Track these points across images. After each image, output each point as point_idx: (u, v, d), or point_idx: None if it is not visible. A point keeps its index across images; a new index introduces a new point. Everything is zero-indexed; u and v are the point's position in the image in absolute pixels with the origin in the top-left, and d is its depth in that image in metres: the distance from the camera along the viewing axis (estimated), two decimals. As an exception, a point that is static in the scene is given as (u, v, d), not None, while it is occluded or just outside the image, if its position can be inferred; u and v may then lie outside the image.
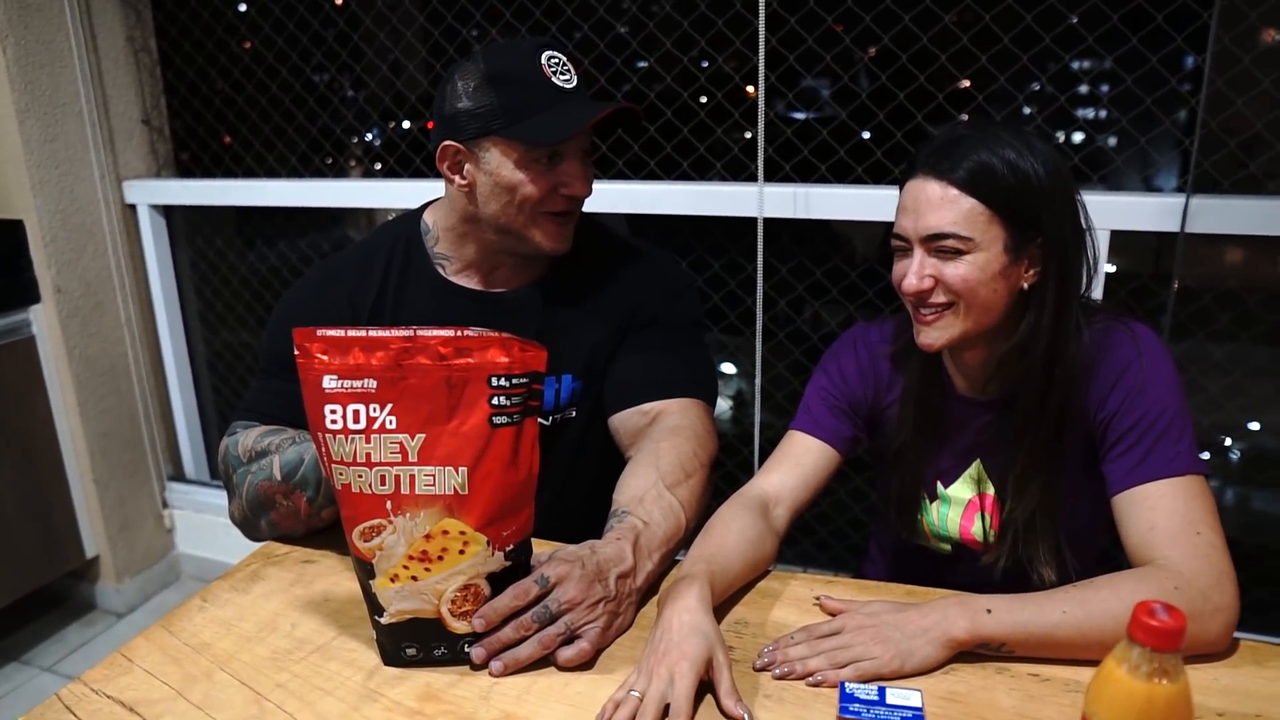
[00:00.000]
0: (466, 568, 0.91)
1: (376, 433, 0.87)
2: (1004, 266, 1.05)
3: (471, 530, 0.90)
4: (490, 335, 0.89)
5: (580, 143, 1.17)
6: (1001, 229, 1.03)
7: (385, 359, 0.87)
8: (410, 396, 0.88)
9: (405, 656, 0.95)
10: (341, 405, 0.87)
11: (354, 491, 0.89)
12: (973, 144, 1.04)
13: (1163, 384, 1.05)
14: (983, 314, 1.07)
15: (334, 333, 0.88)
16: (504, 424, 0.89)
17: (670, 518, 1.08)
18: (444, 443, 0.88)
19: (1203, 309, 1.85)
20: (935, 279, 1.06)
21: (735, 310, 2.07)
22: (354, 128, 2.61)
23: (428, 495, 0.89)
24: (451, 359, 0.88)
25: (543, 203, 1.17)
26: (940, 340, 1.08)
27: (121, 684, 0.95)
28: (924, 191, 1.05)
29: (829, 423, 1.23)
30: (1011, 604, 0.93)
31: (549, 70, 1.13)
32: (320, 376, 0.87)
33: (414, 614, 0.93)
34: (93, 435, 2.52)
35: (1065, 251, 1.06)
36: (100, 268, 2.52)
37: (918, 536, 1.26)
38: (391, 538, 0.90)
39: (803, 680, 0.91)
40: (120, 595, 2.66)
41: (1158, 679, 0.63)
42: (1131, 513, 1.00)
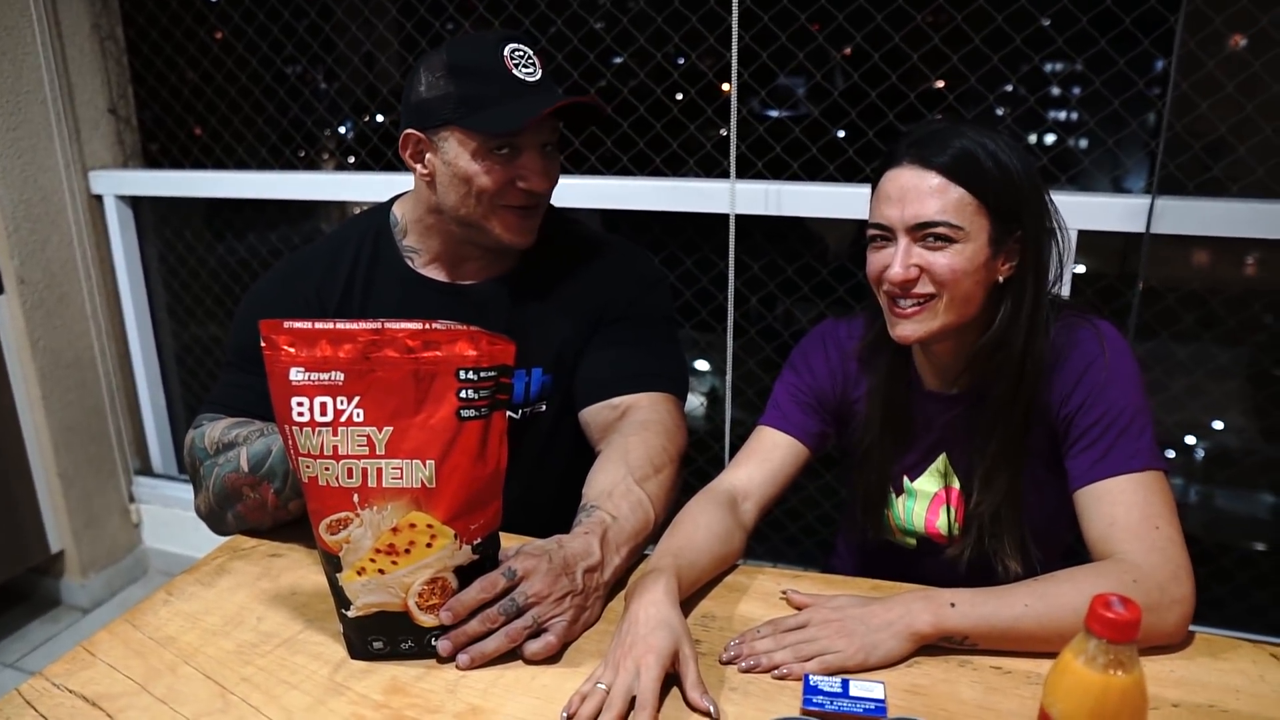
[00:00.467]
0: (434, 561, 0.91)
1: (344, 425, 0.87)
2: (987, 258, 1.06)
3: (439, 523, 0.90)
4: (458, 328, 0.89)
5: (541, 137, 1.16)
6: (986, 220, 1.04)
7: (353, 352, 0.87)
8: (378, 389, 0.87)
9: (372, 650, 0.95)
10: (308, 398, 0.87)
11: (321, 484, 0.89)
12: (956, 135, 1.05)
13: (1125, 381, 1.06)
14: (963, 306, 1.07)
15: (301, 325, 0.87)
16: (472, 417, 0.89)
17: (639, 512, 1.08)
18: (412, 436, 0.88)
19: (1167, 309, 1.88)
20: (921, 269, 1.05)
21: (707, 307, 2.08)
22: (325, 120, 2.59)
23: (395, 488, 0.88)
24: (419, 352, 0.88)
25: (499, 195, 1.17)
26: (918, 333, 1.08)
27: (84, 678, 0.94)
28: (912, 180, 1.04)
29: (797, 418, 1.24)
30: (974, 597, 0.94)
31: (511, 62, 1.12)
32: (287, 369, 0.87)
33: (381, 607, 0.93)
34: (57, 429, 2.49)
35: (1041, 245, 1.08)
36: (65, 259, 2.48)
37: (884, 532, 1.27)
38: (358, 531, 0.89)
39: (768, 673, 0.92)
40: (86, 591, 2.62)
41: (1113, 670, 0.64)
42: (1093, 507, 1.02)
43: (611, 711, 0.83)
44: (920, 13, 1.79)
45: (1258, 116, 1.67)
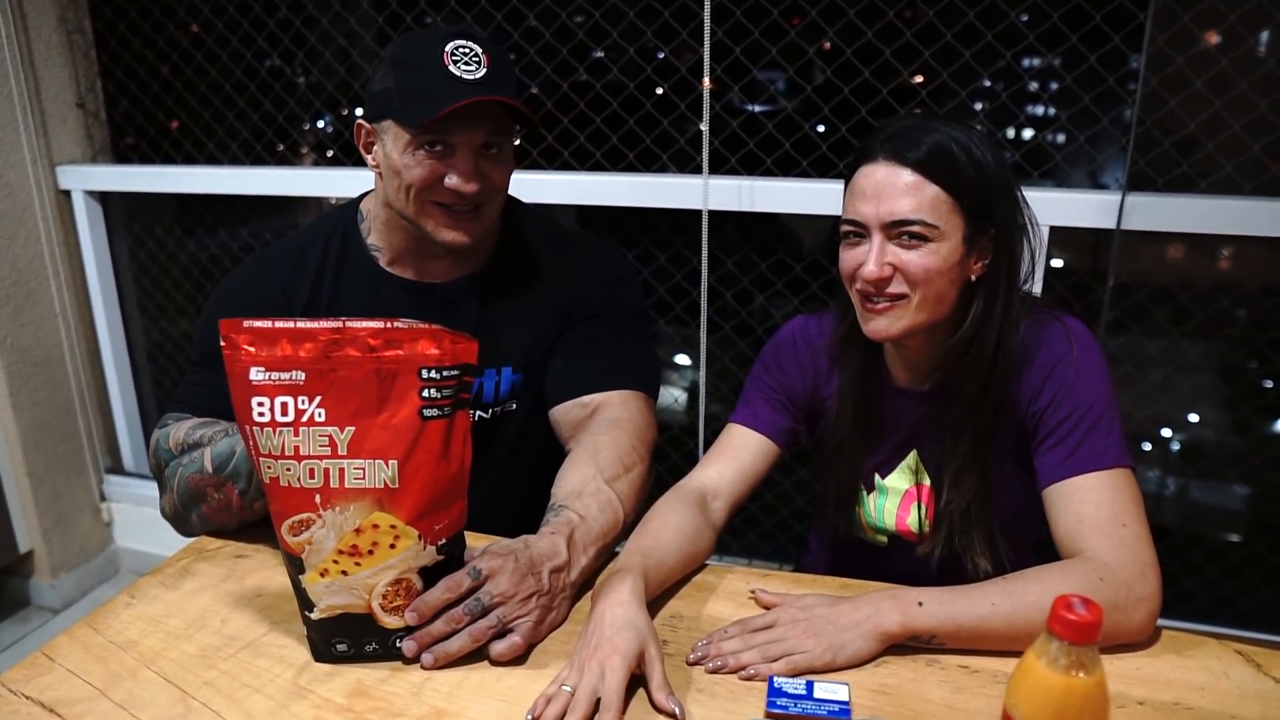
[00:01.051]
0: (397, 562, 0.90)
1: (305, 425, 0.86)
2: (960, 257, 1.05)
3: (402, 524, 0.89)
4: (420, 327, 0.88)
5: (475, 137, 1.13)
6: (961, 218, 1.04)
7: (313, 351, 0.86)
8: (339, 389, 0.86)
9: (336, 652, 0.94)
10: (269, 397, 0.85)
11: (282, 485, 0.88)
12: (932, 131, 1.04)
13: (1093, 378, 1.06)
14: (936, 305, 1.07)
15: (261, 324, 0.86)
16: (435, 416, 0.89)
17: (607, 512, 1.08)
18: (374, 435, 0.87)
19: (1138, 304, 1.89)
20: (895, 267, 1.05)
21: (681, 303, 2.07)
22: (297, 114, 2.56)
23: (357, 489, 0.88)
24: (381, 351, 0.87)
25: (428, 190, 1.15)
26: (890, 329, 1.08)
27: (42, 684, 0.92)
28: (887, 176, 1.03)
29: (767, 416, 1.24)
30: (942, 596, 0.94)
31: (450, 59, 1.10)
32: (247, 368, 0.85)
33: (344, 609, 0.92)
34: (26, 427, 2.45)
35: (1014, 243, 1.08)
36: (33, 255, 2.44)
37: (856, 529, 1.27)
38: (321, 532, 0.88)
39: (735, 674, 0.91)
40: (55, 591, 2.59)
41: (1075, 671, 0.64)
42: (1061, 505, 1.02)
43: (576, 713, 0.83)
44: (894, 8, 1.79)
45: (1226, 114, 1.68)
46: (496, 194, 1.19)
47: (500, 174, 1.18)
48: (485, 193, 1.16)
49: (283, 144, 2.50)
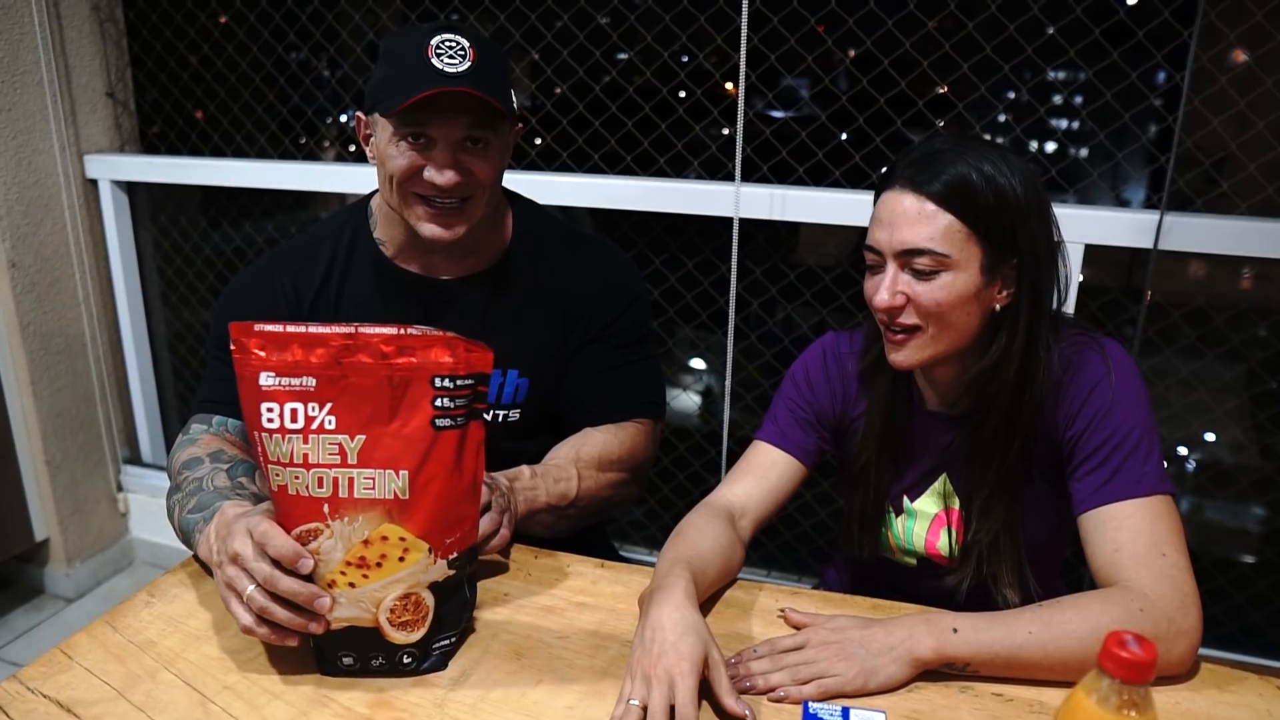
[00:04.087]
0: (406, 576, 0.88)
1: (315, 433, 0.84)
2: (979, 288, 1.03)
3: (412, 537, 0.87)
4: (434, 334, 0.86)
5: (453, 130, 1.12)
6: (978, 248, 1.02)
7: (325, 356, 0.84)
8: (351, 396, 0.84)
9: (342, 666, 0.92)
10: (279, 403, 0.83)
11: (290, 493, 0.85)
12: (952, 158, 1.01)
13: (1132, 403, 1.04)
14: (954, 337, 1.05)
15: (272, 328, 0.84)
16: (447, 426, 0.87)
17: (561, 483, 1.19)
18: (385, 445, 0.85)
19: (1171, 325, 1.86)
20: (907, 297, 1.03)
21: (707, 310, 2.05)
22: (326, 109, 2.56)
23: (367, 499, 0.85)
24: (394, 358, 0.85)
25: (408, 182, 1.15)
26: (910, 360, 1.07)
27: (60, 682, 0.91)
28: (900, 204, 1.02)
29: (795, 435, 1.22)
30: (978, 623, 0.92)
31: (434, 51, 1.09)
32: (257, 373, 0.83)
33: (351, 622, 0.89)
34: (46, 415, 2.45)
35: (1039, 274, 1.05)
36: (58, 243, 2.44)
37: (882, 550, 1.24)
38: (329, 542, 0.86)
39: (764, 695, 0.89)
40: (70, 580, 2.59)
41: (1127, 711, 0.62)
42: (1098, 532, 1.00)
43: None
44: (930, 19, 1.76)
45: (1268, 134, 1.65)
46: (480, 188, 1.17)
47: (484, 168, 1.16)
48: (466, 186, 1.15)
49: (309, 138, 2.50)
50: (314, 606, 0.87)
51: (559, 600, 1.06)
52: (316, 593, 0.87)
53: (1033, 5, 1.71)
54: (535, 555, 1.16)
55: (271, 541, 0.86)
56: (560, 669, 0.94)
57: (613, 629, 1.01)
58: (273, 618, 0.87)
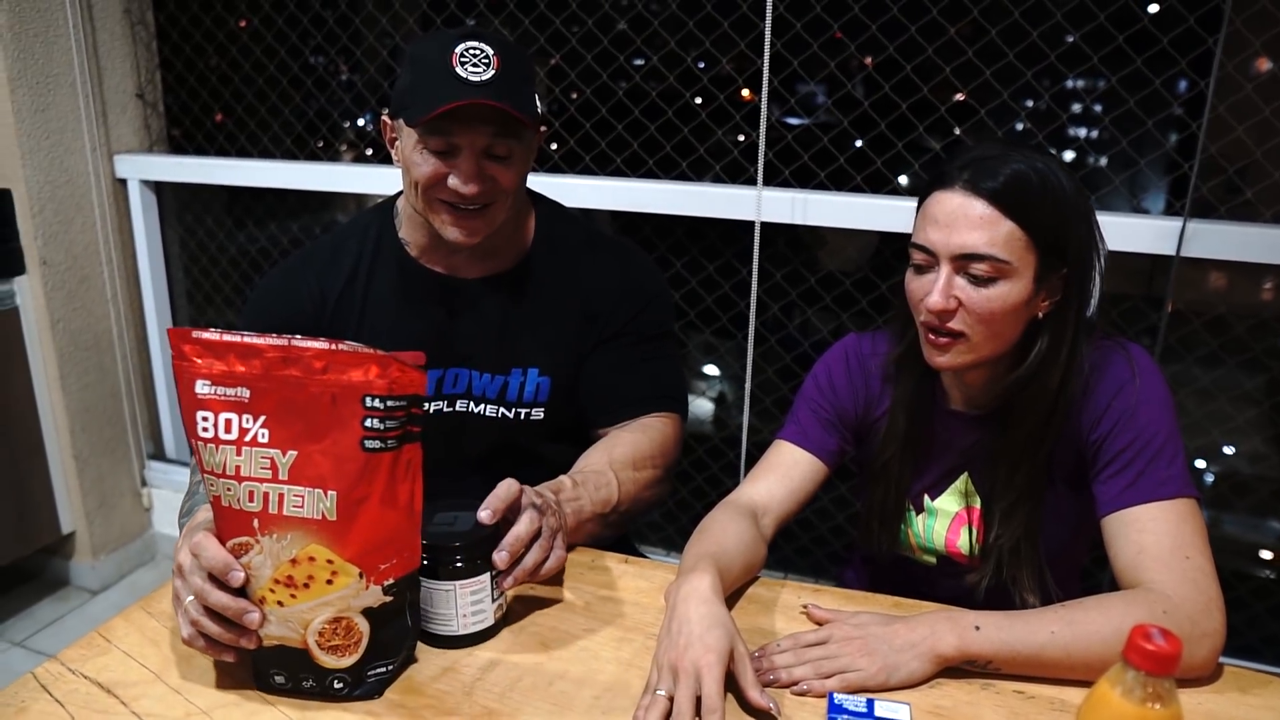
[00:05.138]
0: (335, 599, 0.85)
1: (248, 445, 0.82)
2: (1029, 297, 1.03)
3: (340, 560, 0.84)
4: (366, 352, 0.83)
5: (477, 139, 1.13)
6: (1034, 256, 1.01)
7: (258, 368, 0.82)
8: (284, 410, 0.82)
9: (274, 684, 0.89)
10: (213, 413, 0.82)
11: (224, 505, 0.84)
12: (1014, 164, 1.01)
13: (1156, 407, 1.05)
14: (998, 344, 1.06)
15: (210, 335, 0.82)
16: (378, 449, 0.83)
17: (602, 489, 1.17)
18: (315, 462, 0.82)
19: (1192, 333, 1.86)
20: (960, 301, 1.03)
21: (727, 314, 2.07)
22: (350, 112, 2.59)
23: (296, 517, 0.83)
24: (324, 374, 0.82)
25: (433, 189, 1.16)
26: (953, 363, 1.07)
27: (99, 664, 0.94)
28: (961, 206, 1.01)
29: (817, 435, 1.23)
30: (1000, 622, 0.93)
31: (458, 59, 1.10)
32: (193, 380, 0.82)
33: (281, 641, 0.87)
34: (74, 410, 2.49)
35: (1085, 282, 1.05)
36: (88, 241, 2.48)
37: (901, 548, 1.25)
38: (258, 558, 0.84)
39: (787, 689, 0.90)
40: (95, 572, 2.62)
41: (1151, 704, 0.63)
42: (1121, 535, 1.00)
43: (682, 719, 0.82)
44: (951, 25, 1.78)
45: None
46: (503, 195, 1.18)
47: (508, 176, 1.17)
48: (489, 194, 1.16)
49: (330, 140, 2.53)
50: (243, 621, 0.85)
51: (584, 595, 1.08)
52: (246, 608, 0.84)
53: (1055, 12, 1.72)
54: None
55: (203, 552, 0.85)
56: (586, 660, 0.95)
57: (637, 622, 1.02)
58: (204, 630, 0.86)
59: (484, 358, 1.29)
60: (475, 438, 1.32)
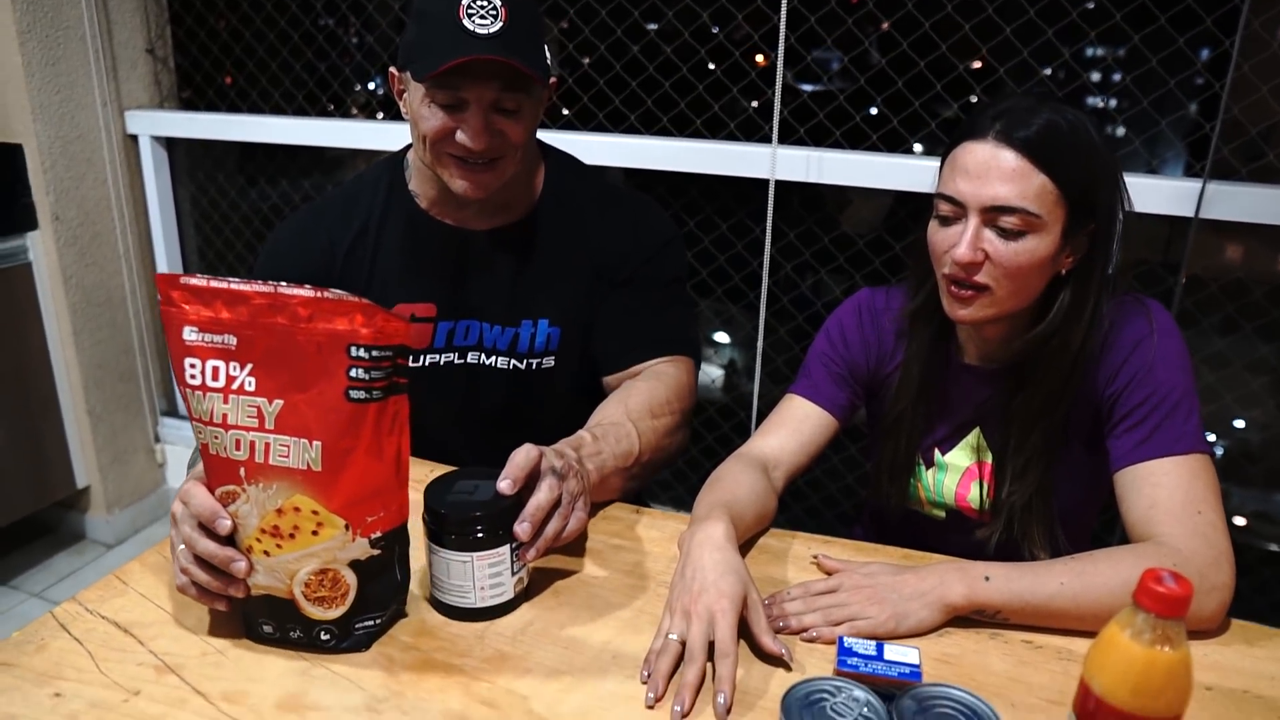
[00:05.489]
0: (320, 550, 0.84)
1: (235, 393, 0.81)
2: (1055, 252, 1.02)
3: (325, 511, 0.83)
4: (351, 300, 0.81)
5: (485, 93, 1.10)
6: (1064, 211, 1.00)
7: (245, 315, 0.80)
8: (270, 358, 0.80)
9: (262, 633, 0.89)
10: (201, 360, 0.81)
11: (211, 453, 0.83)
12: (1048, 118, 0.99)
13: (1174, 363, 1.04)
14: (1021, 299, 1.05)
15: (197, 281, 0.80)
16: (362, 399, 0.82)
17: (623, 442, 1.13)
18: (301, 413, 0.81)
19: (1209, 297, 1.84)
20: (986, 255, 1.01)
21: (740, 273, 2.06)
22: (362, 71, 2.57)
23: (281, 467, 0.82)
24: (310, 322, 0.80)
25: (441, 142, 1.14)
26: (974, 317, 1.06)
27: (116, 605, 0.95)
28: (993, 157, 0.99)
29: (828, 390, 1.23)
30: (1010, 572, 0.93)
31: (464, 11, 1.07)
32: (181, 326, 0.81)
33: (268, 591, 0.86)
34: (87, 366, 2.51)
35: (1110, 238, 1.04)
36: (99, 197, 2.48)
37: (910, 502, 1.25)
38: (245, 507, 0.83)
39: (797, 635, 0.91)
40: (110, 526, 2.65)
41: (1160, 646, 0.63)
42: (1134, 489, 1.00)
43: (694, 664, 0.82)
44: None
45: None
46: (512, 149, 1.17)
47: (516, 130, 1.15)
48: (498, 149, 1.15)
49: (342, 98, 2.51)
50: (230, 570, 0.85)
51: (596, 543, 1.08)
52: (233, 556, 0.84)
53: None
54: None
55: (191, 500, 0.85)
56: (598, 606, 0.96)
57: (648, 570, 1.03)
58: (194, 578, 0.87)
59: (494, 310, 1.29)
60: (488, 390, 1.32)
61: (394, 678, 0.85)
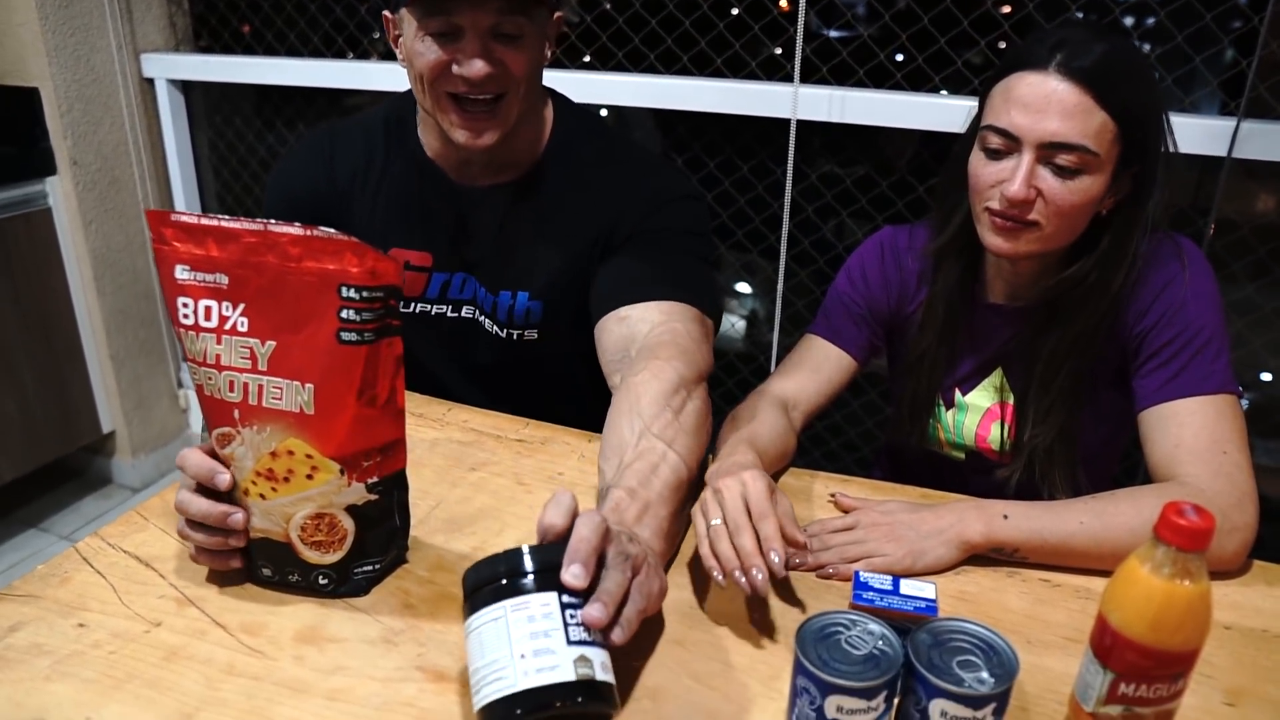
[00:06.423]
0: (316, 495, 0.83)
1: (227, 334, 0.79)
2: (1103, 191, 0.99)
3: (319, 455, 0.82)
4: (341, 239, 0.78)
5: (481, 18, 1.04)
6: (1118, 151, 0.97)
7: (236, 254, 0.78)
8: (263, 298, 0.79)
9: (262, 576, 0.89)
10: (193, 299, 0.79)
11: (206, 394, 0.83)
12: (1107, 48, 0.95)
13: (1205, 302, 1.02)
14: (1065, 237, 1.03)
15: (188, 218, 0.79)
16: (354, 341, 0.80)
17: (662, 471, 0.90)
18: (294, 354, 0.79)
19: (1239, 241, 1.80)
20: (1039, 192, 0.98)
21: (761, 215, 2.03)
22: (376, 14, 2.52)
23: (275, 409, 0.80)
24: (300, 261, 0.78)
25: (439, 80, 1.08)
26: (1015, 250, 1.02)
27: (137, 540, 0.96)
28: (1054, 91, 0.95)
29: (849, 332, 1.21)
30: (1029, 511, 0.92)
31: None
32: (173, 265, 0.79)
33: (265, 534, 0.86)
34: (109, 311, 2.52)
35: (1156, 179, 1.01)
36: (117, 141, 2.48)
37: (930, 443, 1.25)
38: (240, 449, 0.82)
39: (813, 571, 0.91)
40: (136, 471, 2.70)
41: (1180, 579, 0.62)
42: (1159, 428, 0.99)
43: (743, 531, 0.80)
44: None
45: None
46: (514, 83, 1.09)
47: (518, 60, 1.08)
48: (498, 80, 1.07)
49: (361, 39, 2.48)
50: (227, 524, 0.84)
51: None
52: (227, 510, 0.84)
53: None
54: (590, 439, 1.17)
55: (188, 464, 0.84)
56: (613, 543, 0.96)
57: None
58: (192, 540, 0.86)
59: (484, 269, 1.25)
60: (483, 348, 1.29)
61: (410, 610, 0.86)
